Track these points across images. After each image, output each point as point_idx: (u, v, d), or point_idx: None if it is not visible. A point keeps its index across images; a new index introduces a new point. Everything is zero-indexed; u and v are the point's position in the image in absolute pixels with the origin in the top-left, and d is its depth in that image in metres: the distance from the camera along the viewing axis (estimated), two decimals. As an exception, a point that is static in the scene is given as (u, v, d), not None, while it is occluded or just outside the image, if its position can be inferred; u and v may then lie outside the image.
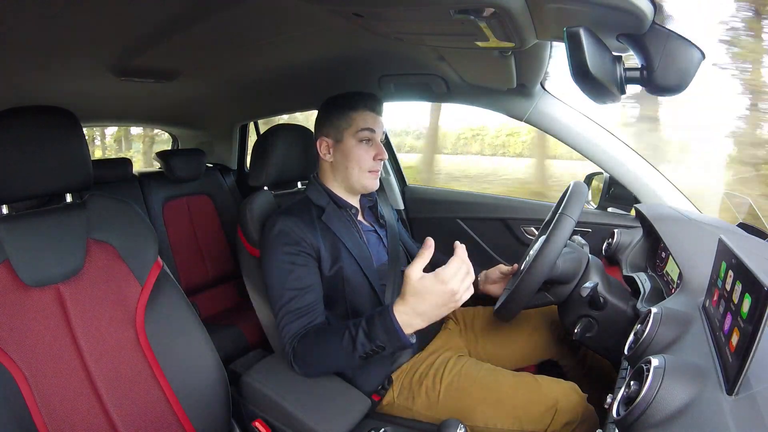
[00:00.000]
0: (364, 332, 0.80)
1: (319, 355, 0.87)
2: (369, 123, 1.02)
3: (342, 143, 1.03)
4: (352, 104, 1.03)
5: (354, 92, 1.06)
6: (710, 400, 0.45)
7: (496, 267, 1.13)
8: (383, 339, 0.78)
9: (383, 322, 0.77)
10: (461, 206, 1.73)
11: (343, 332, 0.82)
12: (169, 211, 1.95)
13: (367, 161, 1.03)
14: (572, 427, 0.85)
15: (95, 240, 0.87)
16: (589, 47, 0.60)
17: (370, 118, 1.03)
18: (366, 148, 1.03)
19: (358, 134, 1.02)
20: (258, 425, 0.93)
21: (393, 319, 0.76)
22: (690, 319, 0.62)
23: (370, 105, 1.04)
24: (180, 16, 0.91)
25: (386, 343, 0.78)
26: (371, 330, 0.79)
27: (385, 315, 0.77)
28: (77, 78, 1.31)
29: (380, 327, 0.78)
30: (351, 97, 1.05)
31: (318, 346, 0.87)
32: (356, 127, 1.02)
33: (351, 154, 1.03)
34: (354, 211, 1.07)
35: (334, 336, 0.84)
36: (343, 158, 1.04)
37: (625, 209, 1.39)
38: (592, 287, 0.84)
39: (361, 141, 1.02)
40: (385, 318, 0.77)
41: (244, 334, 1.65)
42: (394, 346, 0.79)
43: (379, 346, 0.79)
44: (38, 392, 0.76)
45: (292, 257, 0.93)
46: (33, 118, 0.80)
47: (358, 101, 1.03)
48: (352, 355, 0.81)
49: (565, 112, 1.30)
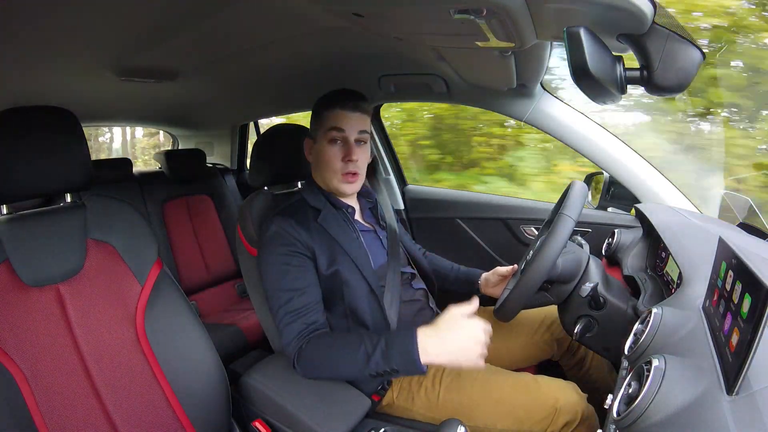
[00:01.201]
0: (382, 352, 0.81)
1: (328, 362, 0.87)
2: (338, 122, 0.97)
3: (317, 144, 1.02)
4: (327, 103, 0.99)
5: (338, 90, 1.01)
6: (710, 400, 0.45)
7: (493, 270, 1.14)
8: (398, 362, 0.80)
9: (403, 346, 0.80)
10: (461, 206, 1.73)
11: (358, 346, 0.83)
12: (168, 211, 1.95)
13: (335, 163, 0.98)
14: (572, 427, 0.85)
15: (95, 240, 0.87)
16: (589, 47, 0.60)
17: (341, 116, 0.98)
18: (334, 149, 0.98)
19: (327, 134, 0.98)
20: (258, 425, 0.93)
21: (414, 344, 0.79)
22: (690, 319, 0.62)
23: (342, 103, 0.98)
24: (180, 16, 0.91)
25: (400, 368, 0.80)
26: (389, 352, 0.80)
27: (407, 338, 0.80)
28: (77, 78, 1.31)
29: (398, 349, 0.80)
30: (330, 95, 1.01)
31: (328, 352, 0.87)
32: (325, 126, 0.99)
33: (321, 156, 1.00)
34: (351, 211, 1.07)
35: (347, 347, 0.85)
36: (317, 160, 1.02)
37: (625, 209, 1.39)
38: (592, 287, 0.84)
39: (331, 141, 0.98)
40: (406, 341, 0.80)
41: (244, 334, 1.65)
42: (407, 372, 0.81)
43: (393, 369, 0.81)
44: (38, 392, 0.75)
45: (288, 258, 0.93)
46: (33, 118, 0.80)
47: (333, 100, 0.99)
48: (362, 370, 0.83)
49: (565, 112, 1.30)
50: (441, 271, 1.26)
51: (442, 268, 1.26)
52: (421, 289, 1.13)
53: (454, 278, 1.24)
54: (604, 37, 0.65)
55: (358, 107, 0.99)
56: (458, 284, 1.23)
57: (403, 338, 0.81)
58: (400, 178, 1.94)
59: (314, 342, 0.88)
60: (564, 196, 0.94)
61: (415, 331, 0.81)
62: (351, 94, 1.00)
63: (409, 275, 1.12)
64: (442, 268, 1.27)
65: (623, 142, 1.27)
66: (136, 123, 2.46)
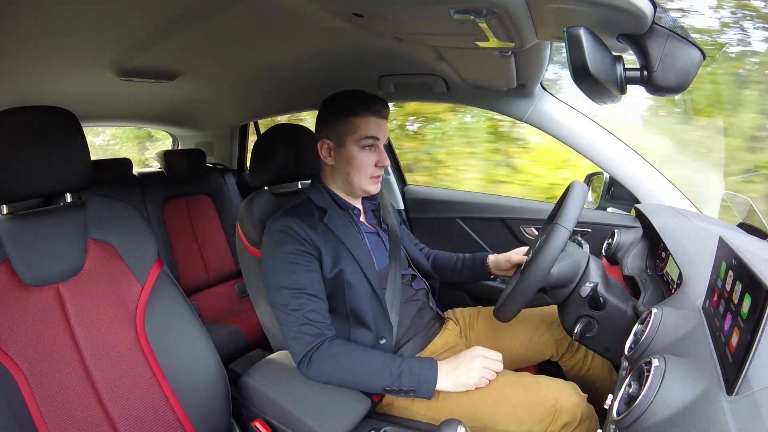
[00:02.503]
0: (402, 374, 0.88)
1: (346, 371, 0.90)
2: (372, 131, 0.98)
3: (344, 148, 1.00)
4: (355, 109, 0.98)
5: (358, 92, 1.00)
6: (710, 400, 0.45)
7: (506, 258, 1.16)
8: (414, 386, 0.88)
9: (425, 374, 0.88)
10: (461, 206, 1.73)
11: (381, 361, 0.90)
12: (168, 211, 1.95)
13: (368, 168, 1.01)
14: (572, 427, 0.85)
15: (95, 240, 0.87)
16: (589, 47, 0.60)
17: (373, 124, 0.99)
18: (368, 155, 1.00)
19: (361, 141, 0.98)
20: (258, 425, 0.93)
21: (435, 375, 0.88)
22: (690, 320, 0.62)
23: (374, 109, 0.98)
24: (180, 16, 0.91)
25: (416, 389, 0.88)
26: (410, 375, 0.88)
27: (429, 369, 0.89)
28: (77, 78, 1.31)
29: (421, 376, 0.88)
30: (354, 99, 0.99)
31: (348, 362, 0.90)
32: (360, 134, 0.98)
33: (353, 161, 1.00)
34: (356, 212, 1.07)
35: (370, 362, 0.90)
36: (344, 163, 1.01)
37: (625, 209, 1.39)
38: (592, 287, 0.84)
39: (364, 148, 0.99)
40: (429, 373, 0.88)
41: (244, 334, 1.65)
42: (417, 395, 0.89)
43: (410, 390, 0.88)
44: (38, 392, 0.76)
45: (296, 257, 0.93)
46: (33, 118, 0.80)
47: (362, 106, 0.98)
48: (381, 383, 0.88)
49: (565, 112, 1.30)
50: (447, 264, 1.27)
51: (448, 261, 1.27)
52: (421, 289, 1.13)
53: (461, 267, 1.25)
54: (604, 37, 0.65)
55: (386, 113, 1.02)
56: (467, 271, 1.24)
57: (425, 368, 0.89)
58: (400, 178, 1.95)
59: (331, 349, 0.90)
60: (563, 197, 0.93)
61: (435, 364, 0.90)
62: (379, 100, 1.00)
63: (410, 276, 1.12)
64: (447, 261, 1.28)
65: (623, 142, 1.27)
66: (136, 123, 2.46)
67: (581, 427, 0.85)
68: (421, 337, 1.07)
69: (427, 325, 1.10)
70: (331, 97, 1.03)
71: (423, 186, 1.99)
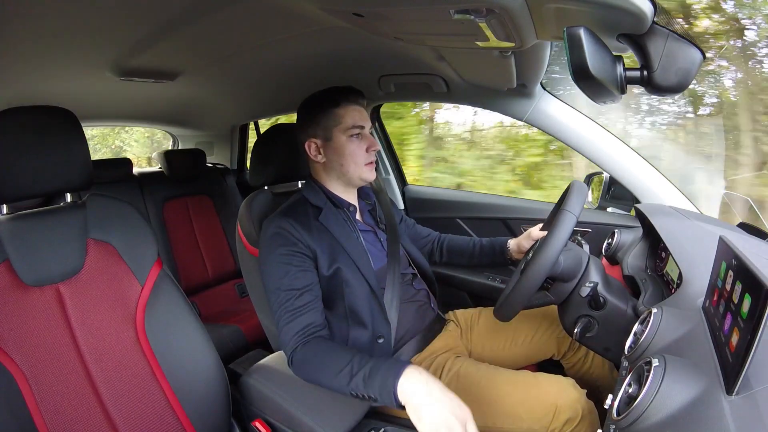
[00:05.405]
0: (364, 377, 0.77)
1: (316, 370, 0.85)
2: (357, 119, 1.02)
3: (332, 141, 1.02)
4: (336, 100, 1.01)
5: (332, 88, 1.04)
6: (710, 400, 0.45)
7: (526, 234, 1.14)
8: (376, 393, 0.76)
9: (385, 377, 0.75)
10: (461, 206, 1.73)
11: (346, 363, 0.80)
12: (168, 211, 1.95)
13: (361, 155, 1.03)
14: (574, 424, 0.85)
15: (95, 240, 0.87)
16: (589, 47, 0.60)
17: (356, 113, 1.02)
18: (358, 143, 1.02)
19: (348, 131, 1.01)
20: (258, 425, 0.93)
21: (397, 378, 0.74)
22: (690, 319, 0.62)
23: (352, 98, 1.02)
24: (180, 16, 0.91)
25: (378, 397, 0.76)
26: (371, 379, 0.76)
27: (392, 370, 0.75)
28: (77, 78, 1.31)
29: (380, 379, 0.75)
30: (331, 92, 1.03)
31: (319, 360, 0.86)
32: (345, 124, 1.01)
33: (344, 151, 1.02)
34: (352, 209, 1.07)
35: (336, 361, 0.82)
36: (336, 156, 1.03)
37: (625, 209, 1.39)
38: (592, 287, 0.84)
39: (352, 136, 1.02)
40: (390, 374, 0.75)
41: (244, 334, 1.65)
42: (384, 403, 0.76)
43: (371, 396, 0.77)
44: (38, 392, 0.76)
45: (289, 258, 0.93)
46: (33, 118, 0.80)
47: (341, 97, 1.02)
48: (342, 388, 0.80)
49: (565, 112, 1.30)
50: (464, 248, 1.26)
51: (465, 246, 1.27)
52: (422, 289, 1.13)
53: (479, 252, 1.24)
54: (604, 37, 0.65)
55: (364, 103, 1.05)
56: (483, 257, 1.23)
57: (388, 369, 0.76)
58: (400, 178, 1.95)
59: (310, 346, 0.87)
60: (564, 195, 0.94)
61: (403, 367, 0.75)
62: (356, 90, 1.04)
63: (410, 276, 1.12)
64: (464, 246, 1.27)
65: (623, 142, 1.27)
66: (136, 123, 2.46)
67: (583, 423, 0.85)
68: (421, 337, 1.06)
69: (427, 326, 1.10)
70: (307, 99, 1.07)
71: (423, 186, 1.99)
